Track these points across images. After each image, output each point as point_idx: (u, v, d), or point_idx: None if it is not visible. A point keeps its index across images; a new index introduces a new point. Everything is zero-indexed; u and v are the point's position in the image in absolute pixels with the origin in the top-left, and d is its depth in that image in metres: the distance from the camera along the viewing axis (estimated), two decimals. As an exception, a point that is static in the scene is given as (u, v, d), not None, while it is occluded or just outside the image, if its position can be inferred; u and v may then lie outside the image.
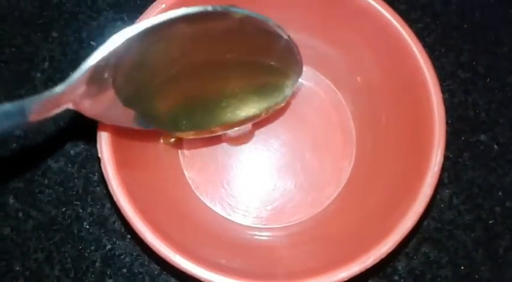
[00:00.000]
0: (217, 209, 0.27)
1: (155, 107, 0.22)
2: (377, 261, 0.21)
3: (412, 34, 0.23)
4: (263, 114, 0.26)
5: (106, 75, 0.19)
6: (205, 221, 0.27)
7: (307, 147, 0.28)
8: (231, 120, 0.25)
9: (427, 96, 0.22)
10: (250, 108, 0.25)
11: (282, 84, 0.25)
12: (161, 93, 0.22)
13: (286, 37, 0.22)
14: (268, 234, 0.27)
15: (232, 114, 0.24)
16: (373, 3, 0.23)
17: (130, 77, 0.20)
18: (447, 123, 0.28)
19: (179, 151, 0.28)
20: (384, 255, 0.21)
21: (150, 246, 0.21)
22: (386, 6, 0.23)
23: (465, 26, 0.30)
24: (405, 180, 0.23)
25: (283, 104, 0.26)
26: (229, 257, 0.24)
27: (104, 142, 0.22)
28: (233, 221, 0.27)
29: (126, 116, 0.21)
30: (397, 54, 0.24)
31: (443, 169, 0.28)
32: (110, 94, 0.19)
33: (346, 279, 0.21)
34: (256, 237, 0.27)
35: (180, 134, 0.25)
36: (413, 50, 0.23)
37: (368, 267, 0.21)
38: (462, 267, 0.27)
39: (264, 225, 0.27)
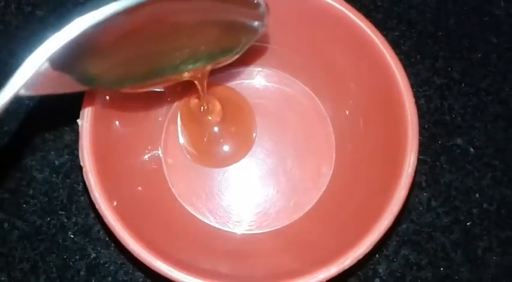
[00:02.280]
0: (200, 215, 0.28)
1: (94, 68, 0.20)
2: (355, 262, 0.21)
3: (386, 43, 0.24)
4: (209, 67, 0.24)
5: None
6: (188, 228, 0.27)
7: (289, 154, 0.29)
8: (176, 72, 0.23)
9: (400, 102, 0.23)
10: (198, 62, 0.23)
11: (238, 44, 0.23)
12: (101, 53, 0.19)
13: (262, 4, 0.21)
14: (251, 239, 0.27)
15: (175, 69, 0.22)
16: (349, 13, 0.24)
17: (66, 47, 0.17)
18: (424, 128, 0.30)
19: (162, 160, 0.28)
20: (361, 256, 0.22)
21: (132, 252, 0.21)
22: (361, 16, 0.24)
23: (440, 33, 0.31)
24: (382, 183, 0.24)
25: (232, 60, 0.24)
26: (213, 261, 0.24)
27: (86, 151, 0.22)
28: (216, 227, 0.27)
29: (59, 82, 0.19)
30: (372, 62, 0.24)
31: (421, 173, 0.29)
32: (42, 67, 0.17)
33: (325, 281, 0.21)
34: (239, 242, 0.27)
35: (121, 89, 0.23)
36: (386, 57, 0.24)
37: (346, 268, 0.21)
38: (442, 269, 0.28)
39: (248, 230, 0.27)
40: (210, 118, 0.29)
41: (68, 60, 0.18)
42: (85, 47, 0.18)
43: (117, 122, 0.25)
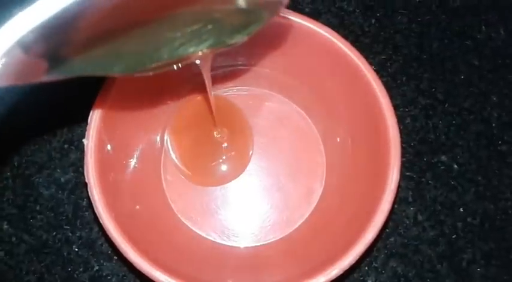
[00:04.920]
0: (199, 230, 0.29)
1: (76, 49, 0.16)
2: (341, 272, 0.23)
3: (369, 67, 0.25)
4: (210, 52, 0.20)
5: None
6: (187, 241, 0.29)
7: (282, 171, 0.30)
8: (174, 57, 0.19)
9: (383, 123, 0.25)
10: (201, 45, 0.19)
11: (257, 21, 0.19)
12: (82, 33, 0.15)
13: None
14: (245, 252, 0.28)
15: (173, 52, 0.19)
16: (335, 40, 0.26)
17: (43, 28, 0.14)
18: (410, 146, 0.31)
19: (162, 176, 0.30)
20: (347, 267, 0.23)
21: (133, 263, 0.23)
22: (347, 42, 0.26)
23: (424, 56, 0.33)
24: (368, 198, 0.25)
25: (237, 45, 0.20)
26: (213, 274, 0.26)
27: (91, 169, 0.24)
28: (214, 241, 0.29)
29: (33, 70, 0.15)
30: (357, 85, 0.26)
31: (408, 188, 0.30)
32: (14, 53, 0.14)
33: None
34: (237, 255, 0.29)
35: (111, 75, 0.20)
36: (370, 81, 0.25)
37: (333, 278, 0.23)
38: (428, 280, 0.29)
39: (245, 244, 0.29)
40: (225, 146, 0.30)
41: (43, 42, 0.14)
42: (66, 23, 0.14)
43: (120, 142, 0.26)
